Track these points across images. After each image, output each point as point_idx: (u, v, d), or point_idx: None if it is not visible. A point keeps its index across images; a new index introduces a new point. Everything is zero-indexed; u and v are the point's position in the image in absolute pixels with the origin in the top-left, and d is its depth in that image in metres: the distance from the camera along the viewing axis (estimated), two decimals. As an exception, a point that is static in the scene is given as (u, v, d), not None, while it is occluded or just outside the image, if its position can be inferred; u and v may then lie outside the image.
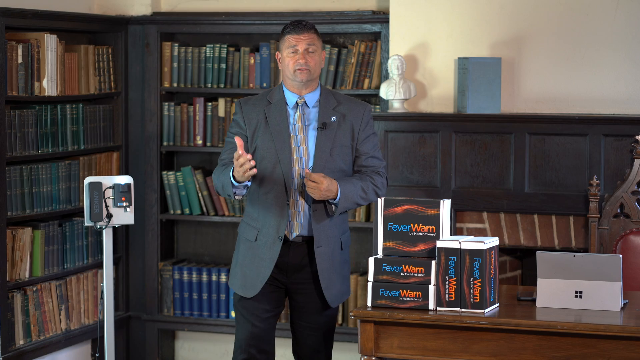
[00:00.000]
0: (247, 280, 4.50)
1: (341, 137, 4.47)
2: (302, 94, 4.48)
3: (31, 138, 5.63)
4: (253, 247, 4.49)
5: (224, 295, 6.28)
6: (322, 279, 4.47)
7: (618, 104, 5.46)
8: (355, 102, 4.57)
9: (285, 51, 4.45)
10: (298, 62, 4.42)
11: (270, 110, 4.48)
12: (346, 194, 4.39)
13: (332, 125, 4.46)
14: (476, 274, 3.97)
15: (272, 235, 4.44)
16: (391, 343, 4.05)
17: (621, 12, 5.45)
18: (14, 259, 5.55)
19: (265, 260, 4.45)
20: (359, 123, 4.49)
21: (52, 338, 5.80)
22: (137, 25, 6.33)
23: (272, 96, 4.52)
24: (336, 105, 4.50)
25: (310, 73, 4.44)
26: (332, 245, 4.49)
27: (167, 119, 6.35)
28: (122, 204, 5.24)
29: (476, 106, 5.51)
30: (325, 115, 4.47)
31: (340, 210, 4.42)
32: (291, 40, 4.44)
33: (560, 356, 3.90)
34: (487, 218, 5.57)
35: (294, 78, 4.44)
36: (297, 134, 4.44)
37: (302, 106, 4.47)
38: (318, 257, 4.45)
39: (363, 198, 4.45)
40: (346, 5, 6.16)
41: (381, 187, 4.50)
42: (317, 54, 4.46)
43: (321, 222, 4.45)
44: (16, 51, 5.51)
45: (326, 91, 4.54)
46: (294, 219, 4.44)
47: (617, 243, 5.13)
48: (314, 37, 4.46)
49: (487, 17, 5.63)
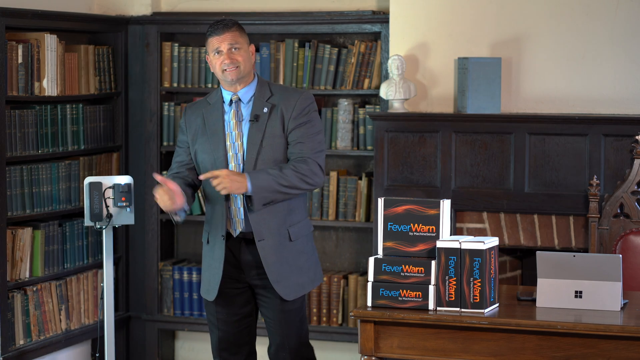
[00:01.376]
0: (207, 284, 4.53)
1: (272, 127, 4.44)
2: (237, 90, 4.49)
3: (31, 138, 5.63)
4: (208, 250, 4.55)
5: (224, 295, 6.28)
6: (269, 273, 4.43)
7: (618, 104, 5.46)
8: (290, 91, 4.55)
9: (211, 54, 4.48)
10: (224, 62, 4.43)
11: (208, 111, 4.52)
12: (258, 184, 4.32)
13: (264, 116, 4.45)
14: (476, 274, 3.97)
15: (217, 235, 4.48)
16: (391, 343, 4.05)
17: (621, 12, 5.45)
18: (14, 259, 5.55)
19: (216, 260, 4.49)
20: (290, 111, 4.45)
21: (52, 338, 5.80)
22: (137, 25, 6.33)
23: (212, 97, 4.57)
24: (270, 97, 4.49)
25: (240, 70, 4.45)
26: (277, 238, 4.44)
27: (167, 119, 6.35)
28: (122, 204, 5.24)
29: (476, 106, 5.51)
30: (258, 107, 4.47)
31: (260, 201, 4.35)
32: (214, 42, 4.45)
33: (560, 356, 3.90)
34: (487, 218, 5.57)
35: (225, 78, 4.47)
36: (232, 130, 4.47)
37: (236, 102, 4.49)
38: (261, 250, 4.43)
39: (284, 185, 4.34)
40: (346, 5, 6.16)
41: (308, 174, 4.38)
42: (242, 50, 4.45)
43: (260, 216, 4.41)
44: (16, 51, 5.51)
45: (262, 83, 4.53)
46: (235, 215, 4.45)
47: (617, 243, 5.13)
48: (235, 35, 4.45)
49: (487, 17, 5.63)
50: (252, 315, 4.59)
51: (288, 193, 4.39)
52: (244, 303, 4.55)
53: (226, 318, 4.53)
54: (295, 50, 6.12)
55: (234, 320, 4.53)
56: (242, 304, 4.55)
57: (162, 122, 6.34)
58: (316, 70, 6.08)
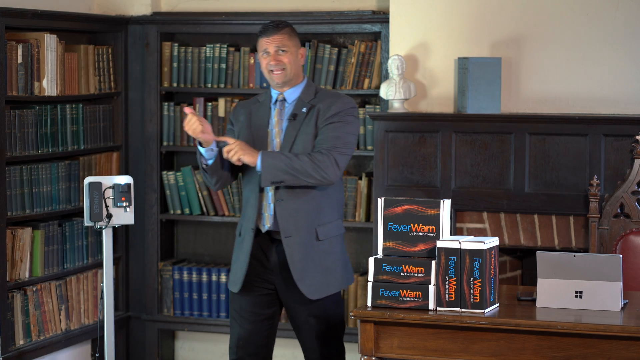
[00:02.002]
0: (234, 275, 4.59)
1: (307, 125, 4.52)
2: (283, 90, 4.59)
3: (31, 138, 5.63)
4: (238, 242, 4.61)
5: (224, 295, 6.28)
6: (293, 271, 4.45)
7: (618, 104, 5.46)
8: (333, 95, 4.61)
9: (260, 54, 4.57)
10: (270, 63, 4.51)
11: (256, 108, 4.62)
12: (268, 159, 4.38)
13: (301, 115, 4.53)
14: (476, 274, 3.97)
15: (249, 228, 4.52)
16: (391, 343, 4.04)
17: (621, 12, 5.44)
18: (14, 259, 5.55)
19: (244, 253, 4.53)
20: (325, 112, 4.51)
21: (52, 338, 5.80)
22: (137, 25, 6.33)
23: (261, 95, 4.68)
24: (312, 99, 4.56)
25: (286, 72, 4.52)
26: (305, 236, 4.47)
27: (167, 119, 6.35)
28: (122, 204, 5.23)
29: (476, 106, 5.51)
30: (298, 107, 4.55)
31: (269, 178, 4.38)
32: (262, 43, 4.55)
33: (560, 356, 3.89)
34: (487, 218, 5.57)
35: (270, 79, 4.57)
36: (273, 128, 4.56)
37: (281, 102, 4.58)
38: (287, 247, 4.46)
39: (295, 168, 4.38)
40: (346, 5, 6.16)
41: (322, 165, 4.40)
42: (289, 53, 4.52)
43: (288, 213, 4.46)
44: (16, 51, 5.51)
45: (310, 86, 4.61)
46: (265, 210, 4.49)
47: (617, 243, 5.13)
48: (284, 38, 4.52)
49: (487, 17, 5.62)
50: (275, 318, 4.61)
51: (298, 177, 4.41)
52: (268, 304, 4.57)
53: (249, 316, 4.55)
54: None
55: (257, 320, 4.56)
56: (267, 304, 4.57)
57: (162, 122, 6.34)
58: (316, 70, 6.08)
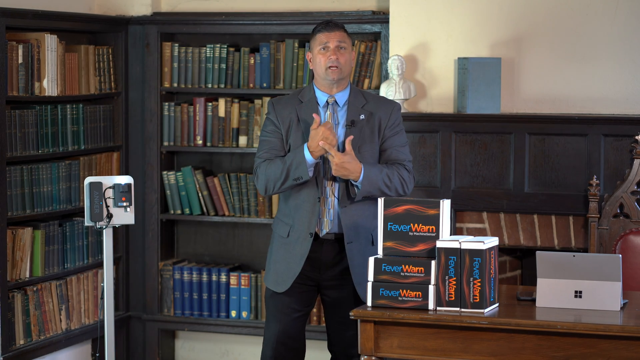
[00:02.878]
0: (279, 276, 4.59)
1: (369, 134, 4.54)
2: (333, 92, 4.56)
3: (31, 138, 5.63)
4: (285, 244, 4.58)
5: (224, 295, 6.28)
6: (354, 275, 4.53)
7: (618, 104, 5.46)
8: (383, 100, 4.66)
9: (317, 49, 4.53)
10: (330, 58, 4.50)
11: (302, 109, 4.55)
12: (369, 176, 4.42)
13: (361, 123, 4.53)
14: (476, 274, 3.97)
15: (303, 232, 4.52)
16: (391, 343, 4.05)
17: (621, 12, 5.45)
18: (14, 259, 5.55)
19: (296, 256, 4.54)
20: (387, 120, 4.56)
21: (53, 338, 5.80)
22: (137, 25, 6.33)
23: (304, 95, 4.60)
24: (365, 104, 4.57)
25: (341, 71, 4.52)
26: (363, 241, 4.54)
27: (167, 119, 6.35)
28: (122, 204, 5.24)
29: (476, 106, 5.51)
30: (354, 113, 4.54)
31: (362, 194, 4.44)
32: (322, 38, 4.52)
33: (560, 356, 3.90)
34: (487, 218, 5.57)
35: (326, 76, 4.52)
36: None
37: (332, 105, 4.55)
38: (349, 252, 4.52)
39: (387, 186, 4.47)
40: (346, 5, 6.16)
41: (407, 180, 4.54)
42: (347, 52, 4.54)
43: (351, 219, 4.51)
44: (16, 51, 5.51)
45: (355, 90, 4.62)
46: (324, 216, 4.52)
47: (617, 243, 5.13)
48: (344, 35, 4.55)
49: (487, 17, 5.63)
50: (309, 315, 4.69)
51: (386, 193, 4.48)
52: (308, 301, 4.63)
53: (290, 313, 4.59)
54: (295, 50, 6.12)
55: (296, 317, 4.60)
56: (306, 301, 4.62)
57: (162, 122, 6.34)
58: (316, 70, 6.08)
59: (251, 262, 6.43)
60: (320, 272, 4.58)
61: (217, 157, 6.43)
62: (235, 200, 6.26)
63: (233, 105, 6.24)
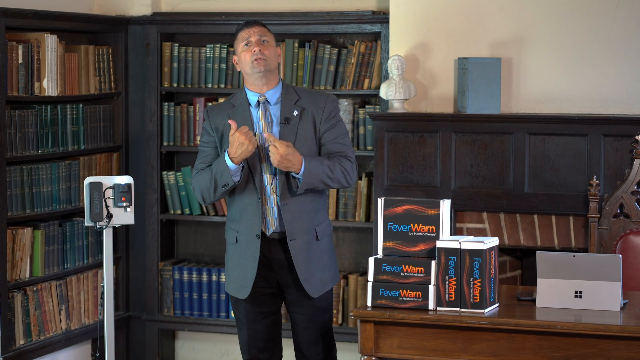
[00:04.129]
0: (238, 282, 4.57)
1: (303, 129, 4.51)
2: (263, 91, 4.53)
3: (31, 138, 5.63)
4: (236, 249, 4.57)
5: (224, 295, 6.28)
6: (299, 272, 4.49)
7: (618, 104, 5.46)
8: (316, 93, 4.63)
9: (240, 47, 4.51)
10: (253, 51, 4.47)
11: (234, 112, 4.54)
12: (311, 168, 4.40)
13: (294, 119, 4.51)
14: (476, 274, 3.97)
15: (250, 234, 4.51)
16: (391, 343, 4.05)
17: (621, 12, 5.45)
18: (14, 259, 5.55)
19: (249, 259, 4.52)
20: (320, 114, 4.52)
21: (52, 338, 5.80)
22: (137, 25, 6.33)
23: (236, 99, 4.59)
24: (297, 100, 4.54)
25: (267, 62, 4.48)
26: (307, 237, 4.50)
27: (167, 119, 6.35)
28: (122, 204, 5.24)
29: (476, 106, 5.51)
30: (287, 110, 4.52)
31: (305, 186, 4.42)
32: (243, 34, 4.51)
33: (560, 356, 3.90)
34: (487, 218, 5.57)
35: (253, 70, 4.48)
36: (262, 131, 4.50)
37: (263, 104, 4.53)
38: (292, 250, 4.48)
39: (330, 177, 4.45)
40: (346, 5, 6.16)
41: (350, 171, 4.50)
42: (270, 46, 4.51)
43: (292, 215, 4.48)
44: (16, 51, 5.51)
45: (287, 86, 4.59)
46: (268, 215, 4.49)
47: (617, 243, 5.13)
48: (265, 30, 4.53)
49: (487, 17, 5.63)
50: (279, 312, 4.66)
51: (329, 185, 4.47)
52: (272, 302, 4.60)
53: (256, 317, 4.58)
54: (295, 50, 6.12)
55: (263, 319, 4.58)
56: (271, 302, 4.60)
57: (162, 122, 6.34)
58: (316, 70, 6.08)
59: (251, 262, 6.42)
60: (274, 272, 4.55)
61: (217, 157, 6.43)
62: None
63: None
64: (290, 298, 4.58)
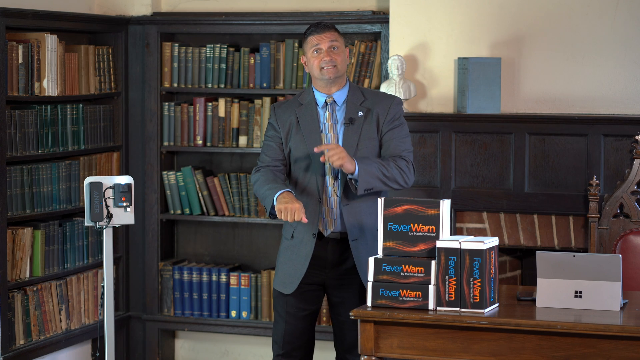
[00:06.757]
0: (286, 278, 4.60)
1: (367, 130, 4.54)
2: (331, 92, 4.57)
3: (31, 138, 5.63)
4: (290, 245, 4.60)
5: (224, 295, 6.28)
6: (361, 272, 4.53)
7: (618, 104, 5.46)
8: (382, 95, 4.65)
9: (310, 52, 4.54)
10: (323, 59, 4.50)
11: (301, 111, 4.58)
12: (364, 167, 4.40)
13: (359, 120, 4.54)
14: (476, 274, 3.97)
15: (307, 233, 4.54)
16: (391, 343, 4.05)
17: (621, 12, 5.45)
18: (14, 259, 5.55)
19: (301, 257, 4.55)
20: (385, 115, 4.55)
21: (53, 338, 5.80)
22: (137, 25, 6.33)
23: (303, 98, 4.62)
24: (363, 101, 4.58)
25: (337, 69, 4.52)
26: (369, 238, 4.53)
27: (167, 119, 6.35)
28: (122, 204, 5.24)
29: (476, 106, 5.51)
30: (352, 111, 4.55)
31: (363, 185, 4.41)
32: (313, 40, 4.53)
33: (560, 356, 3.90)
34: (487, 218, 5.57)
35: (321, 77, 4.53)
36: (328, 132, 4.54)
37: (331, 105, 4.56)
38: (354, 250, 4.52)
39: (386, 175, 4.44)
40: (346, 5, 6.16)
41: (405, 169, 4.50)
42: (340, 51, 4.54)
43: (354, 216, 4.51)
44: (16, 51, 5.51)
45: (354, 87, 4.62)
46: (327, 215, 4.53)
47: (617, 243, 5.13)
48: (335, 35, 4.55)
49: (487, 17, 5.63)
50: (317, 313, 4.69)
51: (387, 184, 4.47)
52: (314, 300, 4.63)
53: (296, 312, 4.60)
54: (295, 50, 6.12)
55: (302, 316, 4.61)
56: (313, 301, 4.63)
57: (162, 122, 6.34)
58: (316, 70, 6.08)
59: (251, 262, 6.43)
60: (325, 271, 4.58)
61: (217, 157, 6.44)
62: (235, 200, 6.27)
63: (233, 105, 6.24)
64: (336, 300, 4.62)
